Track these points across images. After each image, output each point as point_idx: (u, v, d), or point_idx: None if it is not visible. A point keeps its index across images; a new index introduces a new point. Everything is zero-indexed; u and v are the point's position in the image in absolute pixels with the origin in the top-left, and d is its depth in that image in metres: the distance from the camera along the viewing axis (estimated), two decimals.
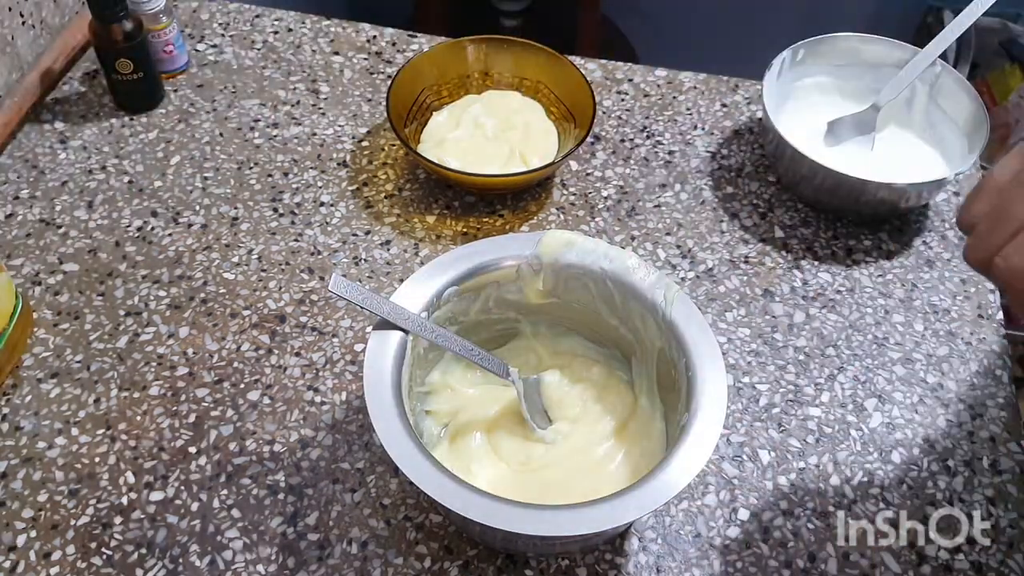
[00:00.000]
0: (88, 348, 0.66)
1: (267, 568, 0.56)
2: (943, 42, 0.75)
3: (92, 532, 0.57)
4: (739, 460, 0.61)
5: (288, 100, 0.84)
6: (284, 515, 0.58)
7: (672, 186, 0.79)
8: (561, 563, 0.56)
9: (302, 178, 0.78)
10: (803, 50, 0.80)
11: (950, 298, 0.71)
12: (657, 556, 0.57)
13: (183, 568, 0.56)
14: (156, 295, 0.69)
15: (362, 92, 0.85)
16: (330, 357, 0.66)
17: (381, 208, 0.76)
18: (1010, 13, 1.50)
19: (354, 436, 0.62)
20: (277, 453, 0.61)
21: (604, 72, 0.88)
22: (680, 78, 0.88)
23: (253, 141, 0.81)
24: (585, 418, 0.59)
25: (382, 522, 0.58)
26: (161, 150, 0.80)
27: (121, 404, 0.63)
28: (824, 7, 1.57)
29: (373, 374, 0.52)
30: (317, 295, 0.70)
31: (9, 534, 0.57)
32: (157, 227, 0.74)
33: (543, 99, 0.82)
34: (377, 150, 0.81)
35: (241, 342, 0.67)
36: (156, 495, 0.59)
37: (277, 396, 0.64)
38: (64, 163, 0.79)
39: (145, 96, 0.83)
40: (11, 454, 0.60)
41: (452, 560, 0.56)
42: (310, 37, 0.90)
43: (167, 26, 0.83)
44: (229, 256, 0.72)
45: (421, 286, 0.56)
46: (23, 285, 0.70)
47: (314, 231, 0.74)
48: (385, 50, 0.89)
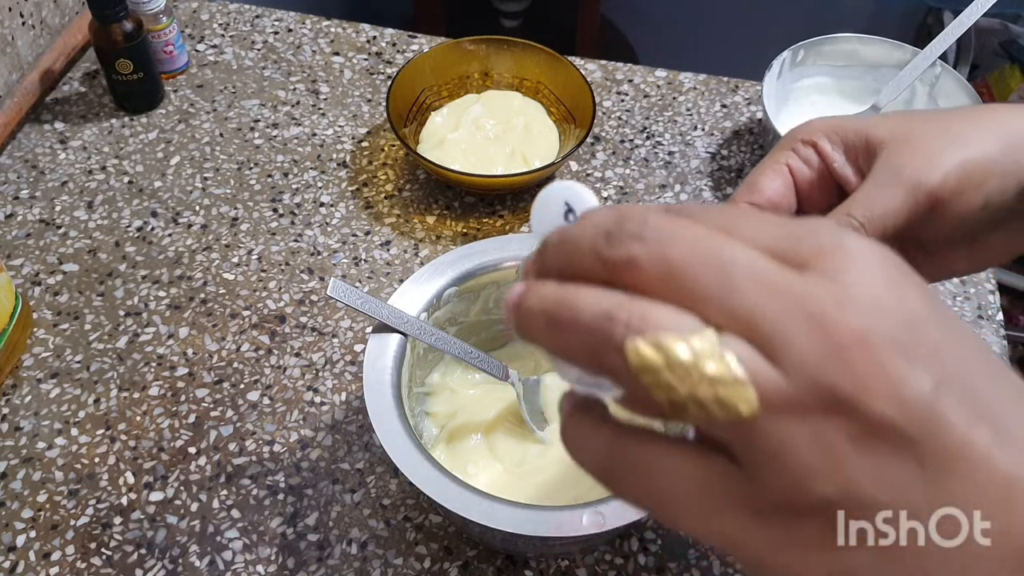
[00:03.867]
0: (88, 348, 0.66)
1: (267, 568, 0.56)
2: (943, 43, 0.75)
3: (92, 532, 0.57)
4: None
5: (288, 100, 0.84)
6: (284, 515, 0.58)
7: (672, 187, 0.79)
8: (561, 563, 0.56)
9: (302, 178, 0.78)
10: (803, 50, 0.80)
11: (950, 298, 0.71)
12: (657, 557, 0.57)
13: (183, 568, 0.56)
14: (156, 295, 0.69)
15: (362, 92, 0.85)
16: (330, 357, 0.66)
17: (381, 208, 0.76)
18: (1010, 14, 1.50)
19: (354, 437, 0.62)
20: (277, 453, 0.61)
21: (604, 72, 0.88)
22: (680, 79, 0.88)
23: (253, 141, 0.81)
24: None
25: (382, 523, 0.58)
26: (161, 150, 0.80)
27: (121, 404, 0.63)
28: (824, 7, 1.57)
29: (373, 375, 0.52)
30: (317, 295, 0.70)
31: (9, 534, 0.57)
32: (157, 227, 0.74)
33: (543, 99, 0.82)
34: (377, 150, 0.81)
35: (241, 342, 0.67)
36: (156, 495, 0.59)
37: (277, 396, 0.64)
38: (64, 163, 0.79)
39: (145, 96, 0.83)
40: (11, 454, 0.60)
41: (452, 561, 0.56)
42: (310, 37, 0.90)
43: (167, 26, 0.83)
44: (229, 256, 0.72)
45: (421, 287, 0.56)
46: (23, 285, 0.70)
47: (314, 231, 0.74)
48: (385, 50, 0.89)
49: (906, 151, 0.38)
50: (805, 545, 0.22)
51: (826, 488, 0.21)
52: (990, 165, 0.37)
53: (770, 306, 0.22)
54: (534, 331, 0.24)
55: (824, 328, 0.21)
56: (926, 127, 0.38)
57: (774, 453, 0.22)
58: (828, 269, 0.22)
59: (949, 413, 0.21)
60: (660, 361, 0.21)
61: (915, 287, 0.23)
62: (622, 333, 0.22)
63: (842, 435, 0.21)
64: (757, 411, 0.21)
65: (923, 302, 0.23)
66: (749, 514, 0.23)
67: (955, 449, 0.21)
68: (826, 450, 0.21)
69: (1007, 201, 0.38)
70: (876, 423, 0.21)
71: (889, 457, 0.21)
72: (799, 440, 0.21)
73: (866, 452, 0.21)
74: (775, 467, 0.22)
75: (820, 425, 0.21)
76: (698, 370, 0.21)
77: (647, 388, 0.22)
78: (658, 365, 0.21)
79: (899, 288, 0.23)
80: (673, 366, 0.21)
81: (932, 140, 0.38)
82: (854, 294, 0.22)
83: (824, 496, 0.22)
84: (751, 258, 0.22)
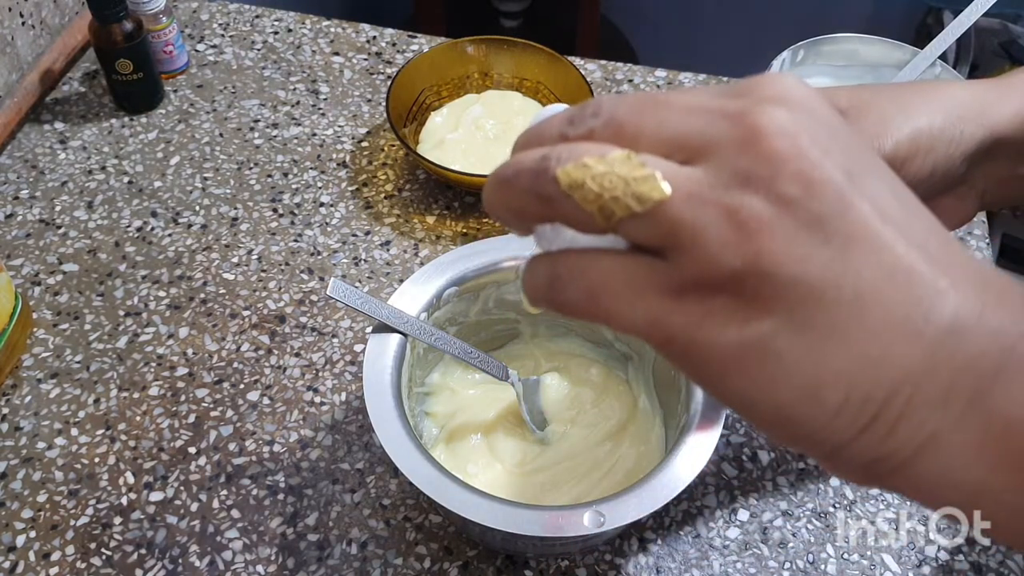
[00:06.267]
0: (88, 348, 0.66)
1: (267, 568, 0.56)
2: (943, 43, 0.75)
3: (92, 532, 0.57)
4: (739, 461, 0.61)
5: (288, 100, 0.84)
6: (284, 515, 0.58)
7: None
8: (561, 563, 0.56)
9: (302, 178, 0.78)
10: (803, 50, 0.80)
11: None
12: (657, 557, 0.57)
13: (183, 568, 0.56)
14: (156, 295, 0.69)
15: (362, 92, 0.85)
16: (330, 357, 0.66)
17: (381, 208, 0.76)
18: (1010, 14, 1.50)
19: (354, 437, 0.62)
20: (277, 453, 0.61)
21: (604, 72, 0.88)
22: (680, 79, 0.88)
23: (253, 141, 0.81)
24: (583, 420, 0.59)
25: (382, 523, 0.58)
26: (161, 150, 0.80)
27: (121, 404, 0.63)
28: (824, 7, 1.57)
29: (373, 375, 0.52)
30: (317, 295, 0.70)
31: (8, 534, 0.57)
32: (157, 227, 0.74)
33: (543, 100, 0.82)
34: (377, 150, 0.81)
35: (241, 342, 0.67)
36: (156, 495, 0.59)
37: (277, 396, 0.64)
38: (64, 163, 0.79)
39: (145, 96, 0.83)
40: (11, 454, 0.60)
41: (452, 561, 0.56)
42: (310, 37, 0.90)
43: (167, 26, 0.83)
44: (229, 256, 0.72)
45: (421, 287, 0.56)
46: (23, 285, 0.70)
47: (314, 231, 0.74)
48: (385, 50, 0.89)
49: (862, 119, 0.41)
50: (719, 318, 0.24)
51: (735, 260, 0.23)
52: (937, 133, 0.40)
53: (696, 123, 0.25)
54: (492, 200, 0.27)
55: (745, 122, 0.24)
56: (881, 98, 0.41)
57: (690, 234, 0.24)
58: (754, 90, 0.25)
59: (856, 199, 0.24)
60: (583, 176, 0.25)
61: (836, 115, 0.26)
62: (554, 165, 0.25)
63: (754, 212, 0.23)
64: (669, 197, 0.24)
65: (840, 121, 0.26)
66: (670, 296, 0.25)
67: (861, 230, 0.24)
68: (737, 225, 0.23)
69: (954, 168, 0.41)
70: (787, 199, 0.23)
71: (798, 232, 0.23)
72: (712, 218, 0.24)
73: (776, 227, 0.23)
74: (691, 246, 0.24)
75: (733, 202, 0.23)
76: (613, 173, 0.25)
77: (579, 204, 0.25)
78: (582, 179, 0.25)
79: (820, 104, 0.25)
80: (595, 177, 0.25)
81: (885, 109, 0.41)
82: (776, 103, 0.24)
83: (734, 268, 0.23)
84: (686, 97, 0.26)
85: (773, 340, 0.24)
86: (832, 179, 0.23)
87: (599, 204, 0.25)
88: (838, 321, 0.23)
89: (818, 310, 0.23)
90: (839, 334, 0.24)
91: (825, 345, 0.24)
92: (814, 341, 0.24)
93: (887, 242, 0.24)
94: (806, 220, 0.23)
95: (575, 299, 0.27)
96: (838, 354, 0.24)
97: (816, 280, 0.23)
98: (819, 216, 0.23)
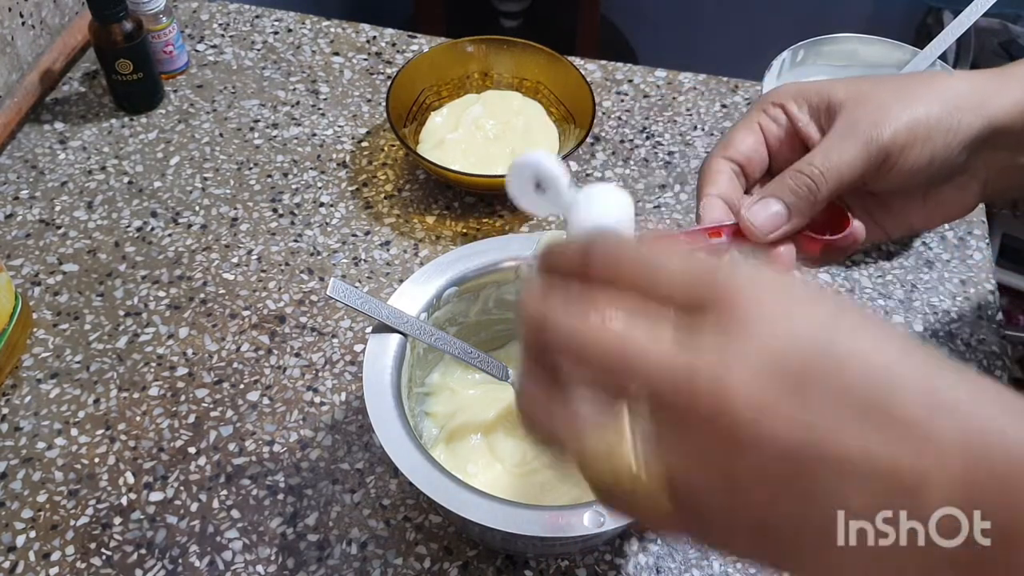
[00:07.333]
0: (88, 348, 0.66)
1: (266, 569, 0.56)
2: (943, 43, 0.75)
3: (92, 532, 0.57)
4: None
5: (288, 100, 0.84)
6: (284, 516, 0.58)
7: (672, 187, 0.79)
8: (561, 564, 0.56)
9: (302, 178, 0.78)
10: (803, 51, 0.80)
11: (950, 299, 0.71)
12: (657, 557, 0.57)
13: (183, 568, 0.56)
14: (156, 295, 0.69)
15: (362, 92, 0.85)
16: (330, 358, 0.66)
17: (381, 209, 0.76)
18: (1010, 14, 1.50)
19: (354, 437, 0.62)
20: (277, 454, 0.61)
21: (604, 73, 0.88)
22: (680, 79, 0.88)
23: (253, 141, 0.81)
24: None
25: (382, 523, 0.58)
26: (161, 150, 0.80)
27: (121, 404, 0.63)
28: (824, 7, 1.57)
29: (373, 375, 0.52)
30: (317, 296, 0.70)
31: (8, 534, 0.57)
32: (157, 227, 0.74)
33: (543, 99, 0.82)
34: (377, 150, 0.81)
35: (241, 343, 0.67)
36: (156, 495, 0.59)
37: (277, 397, 0.64)
38: (64, 163, 0.79)
39: (145, 96, 0.83)
40: (11, 454, 0.60)
41: (452, 561, 0.56)
42: (310, 37, 0.90)
43: (167, 26, 0.83)
44: (229, 256, 0.72)
45: (421, 287, 0.56)
46: (23, 285, 0.70)
47: (314, 231, 0.74)
48: (385, 50, 0.89)
49: (861, 110, 0.42)
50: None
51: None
52: (935, 123, 0.41)
53: (650, 381, 0.26)
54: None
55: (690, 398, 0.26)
56: (880, 89, 0.43)
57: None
58: (717, 322, 0.26)
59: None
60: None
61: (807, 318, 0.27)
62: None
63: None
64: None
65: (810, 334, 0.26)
66: None
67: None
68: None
69: (952, 157, 0.42)
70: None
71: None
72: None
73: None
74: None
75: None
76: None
77: None
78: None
79: (785, 327, 0.26)
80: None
81: (884, 99, 0.42)
82: (731, 360, 0.25)
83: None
84: (643, 343, 0.26)
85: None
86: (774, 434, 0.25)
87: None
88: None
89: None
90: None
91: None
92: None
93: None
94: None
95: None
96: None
97: None
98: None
